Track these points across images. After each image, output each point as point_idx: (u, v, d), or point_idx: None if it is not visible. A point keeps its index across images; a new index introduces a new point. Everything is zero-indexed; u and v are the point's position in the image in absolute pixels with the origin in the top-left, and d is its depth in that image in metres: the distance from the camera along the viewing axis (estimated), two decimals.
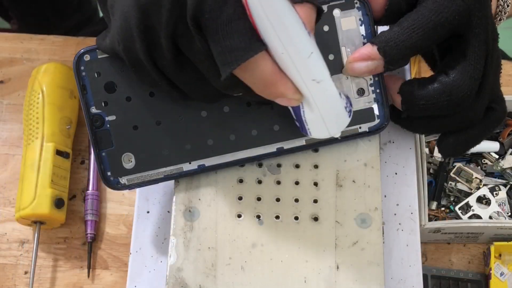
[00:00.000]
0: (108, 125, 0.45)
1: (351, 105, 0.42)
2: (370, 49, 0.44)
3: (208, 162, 0.46)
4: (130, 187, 0.46)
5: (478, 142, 0.48)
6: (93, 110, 0.45)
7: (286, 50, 0.37)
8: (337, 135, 0.45)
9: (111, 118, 0.45)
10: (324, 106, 0.41)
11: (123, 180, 0.45)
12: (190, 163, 0.46)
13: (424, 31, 0.43)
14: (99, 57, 0.44)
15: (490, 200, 0.70)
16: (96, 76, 0.44)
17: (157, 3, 0.37)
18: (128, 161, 0.45)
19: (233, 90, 0.40)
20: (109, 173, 0.45)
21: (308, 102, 0.40)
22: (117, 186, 0.45)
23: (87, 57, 0.44)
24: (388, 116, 0.47)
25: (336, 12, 0.45)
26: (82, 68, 0.44)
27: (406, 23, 0.43)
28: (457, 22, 0.43)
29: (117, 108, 0.45)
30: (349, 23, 0.46)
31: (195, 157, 0.46)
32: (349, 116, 0.42)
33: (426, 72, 0.51)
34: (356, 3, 0.45)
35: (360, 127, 0.47)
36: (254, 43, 0.36)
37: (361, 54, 0.44)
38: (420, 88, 0.44)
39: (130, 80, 0.44)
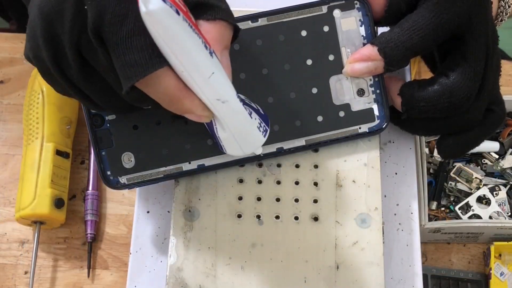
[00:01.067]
0: (108, 125, 0.45)
1: (267, 124, 0.41)
2: (371, 50, 0.44)
3: (208, 162, 0.46)
4: (130, 186, 0.46)
5: (477, 144, 0.48)
6: None
7: (185, 69, 0.36)
8: (258, 152, 0.44)
9: (111, 117, 0.45)
10: (234, 126, 0.40)
11: (123, 180, 0.45)
12: (189, 163, 0.46)
13: (425, 33, 0.43)
14: None
15: (490, 200, 0.70)
16: None
17: (60, 12, 0.36)
18: (128, 160, 0.45)
19: (140, 103, 0.39)
20: (109, 173, 0.45)
21: (218, 120, 0.39)
22: (116, 186, 0.45)
23: None
24: (388, 116, 0.47)
25: (336, 12, 0.46)
26: None
27: (407, 24, 0.43)
28: (457, 23, 0.43)
29: None
30: (349, 24, 0.46)
31: (195, 157, 0.46)
32: (264, 135, 0.41)
33: (426, 72, 0.51)
34: (356, 3, 0.45)
35: (360, 128, 0.47)
36: (154, 59, 0.35)
37: (361, 55, 0.45)
38: (421, 89, 0.45)
39: None
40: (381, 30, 0.46)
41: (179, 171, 0.46)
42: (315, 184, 0.47)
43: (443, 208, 0.71)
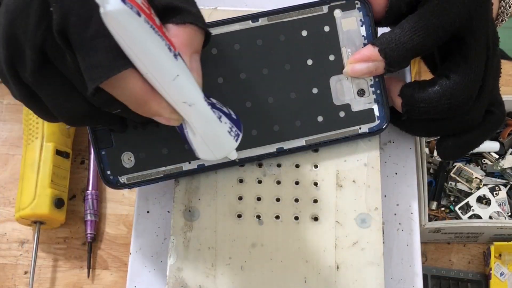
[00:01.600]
0: None
1: (239, 129, 0.41)
2: (371, 50, 0.44)
3: (208, 161, 0.46)
4: (130, 186, 0.46)
5: (477, 145, 0.48)
6: None
7: (149, 71, 0.35)
8: (232, 157, 0.43)
9: None
10: (202, 129, 0.39)
11: (123, 179, 0.45)
12: (189, 163, 0.46)
13: (425, 34, 0.43)
14: None
15: (490, 200, 0.70)
16: None
17: (24, 12, 0.36)
18: (128, 160, 0.45)
19: (108, 106, 0.38)
20: (108, 172, 0.45)
21: (188, 124, 0.39)
22: (116, 185, 0.45)
23: None
24: (388, 117, 0.47)
25: (337, 12, 0.45)
26: None
27: (408, 25, 0.43)
28: (457, 25, 0.43)
29: None
30: (349, 24, 0.46)
31: (195, 157, 0.46)
32: (236, 140, 0.41)
33: (426, 72, 0.51)
34: (357, 4, 0.45)
35: (360, 128, 0.47)
36: (119, 60, 0.35)
37: (362, 55, 0.44)
38: (421, 90, 0.44)
39: None
40: (381, 30, 0.46)
41: (179, 171, 0.46)
42: (315, 184, 0.47)
43: (443, 208, 0.71)
